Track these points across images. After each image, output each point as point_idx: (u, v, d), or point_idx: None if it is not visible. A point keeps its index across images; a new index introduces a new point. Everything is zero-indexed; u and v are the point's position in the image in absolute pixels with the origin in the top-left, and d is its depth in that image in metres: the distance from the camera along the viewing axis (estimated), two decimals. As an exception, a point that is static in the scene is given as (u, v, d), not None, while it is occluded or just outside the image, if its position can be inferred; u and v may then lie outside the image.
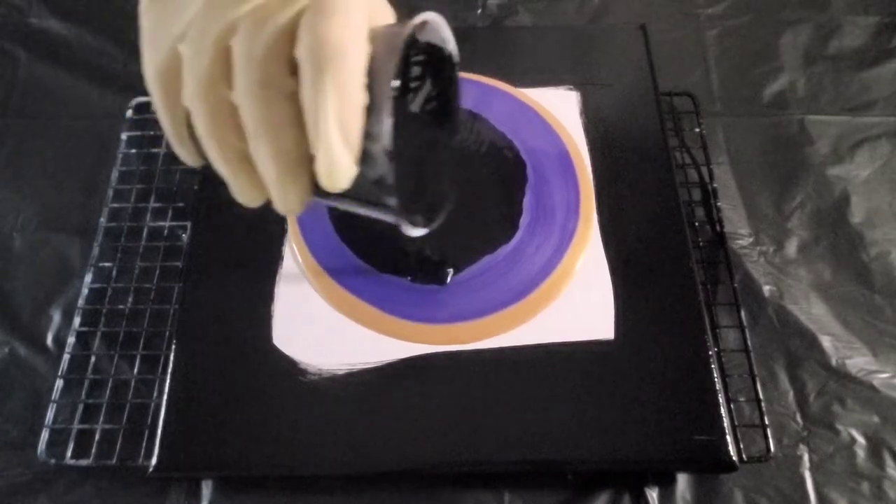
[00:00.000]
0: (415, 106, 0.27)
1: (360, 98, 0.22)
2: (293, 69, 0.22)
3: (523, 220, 0.44)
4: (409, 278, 0.43)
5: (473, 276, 0.43)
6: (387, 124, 0.23)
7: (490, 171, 0.46)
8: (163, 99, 0.25)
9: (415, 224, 0.28)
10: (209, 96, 0.23)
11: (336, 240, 0.44)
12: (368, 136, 0.23)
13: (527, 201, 0.45)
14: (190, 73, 0.23)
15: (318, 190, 0.24)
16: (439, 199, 0.30)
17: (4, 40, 0.57)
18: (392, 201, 0.25)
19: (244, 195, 0.25)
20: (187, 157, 0.26)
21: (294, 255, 0.44)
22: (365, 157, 0.23)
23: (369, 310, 0.41)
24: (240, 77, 0.22)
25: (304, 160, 0.23)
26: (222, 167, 0.24)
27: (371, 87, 0.23)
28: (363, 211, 0.27)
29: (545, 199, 0.45)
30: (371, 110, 0.23)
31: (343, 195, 0.24)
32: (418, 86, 0.27)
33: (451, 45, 0.27)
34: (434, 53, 0.27)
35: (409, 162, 0.27)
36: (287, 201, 0.24)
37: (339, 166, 0.22)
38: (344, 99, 0.22)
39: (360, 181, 0.23)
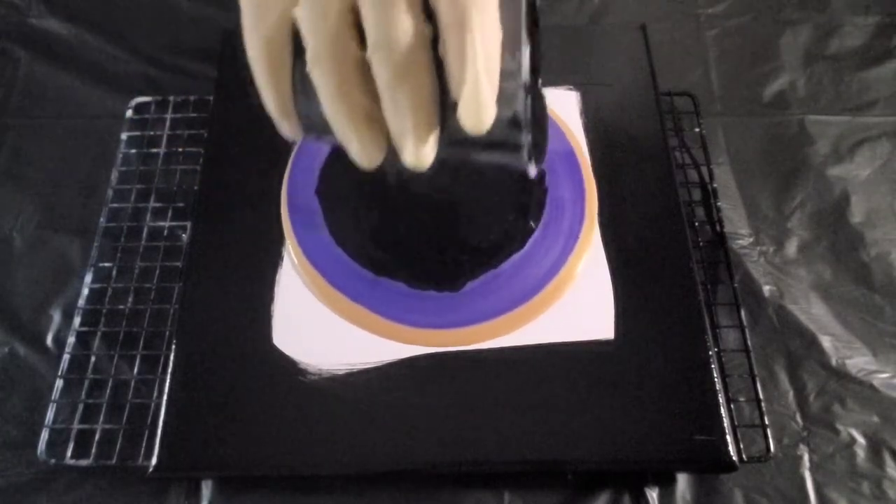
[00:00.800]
0: None
1: (499, 35, 0.22)
2: (426, 15, 0.22)
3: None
4: (405, 283, 0.42)
5: (479, 283, 0.42)
6: (525, 58, 0.23)
7: (506, 174, 0.46)
8: (270, 69, 0.24)
9: (535, 163, 0.28)
10: (336, 54, 0.23)
11: (332, 243, 0.44)
12: (503, 74, 0.23)
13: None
14: (314, 33, 0.23)
15: (446, 139, 0.24)
16: (543, 139, 0.30)
17: (4, 40, 0.57)
18: (525, 138, 0.25)
19: (367, 155, 0.25)
20: (291, 129, 0.26)
21: (291, 259, 0.43)
22: (499, 97, 0.23)
23: (369, 315, 0.41)
24: (375, 29, 0.22)
25: (437, 109, 0.24)
26: (348, 127, 0.24)
27: (503, 22, 0.23)
28: (486, 157, 0.27)
29: (555, 201, 0.45)
30: (507, 46, 0.23)
31: (471, 141, 0.24)
32: None
33: None
34: None
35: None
36: (423, 152, 0.24)
37: (486, 105, 0.22)
38: (488, 39, 0.22)
39: (493, 123, 0.24)
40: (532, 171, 0.28)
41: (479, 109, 0.22)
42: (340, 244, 0.43)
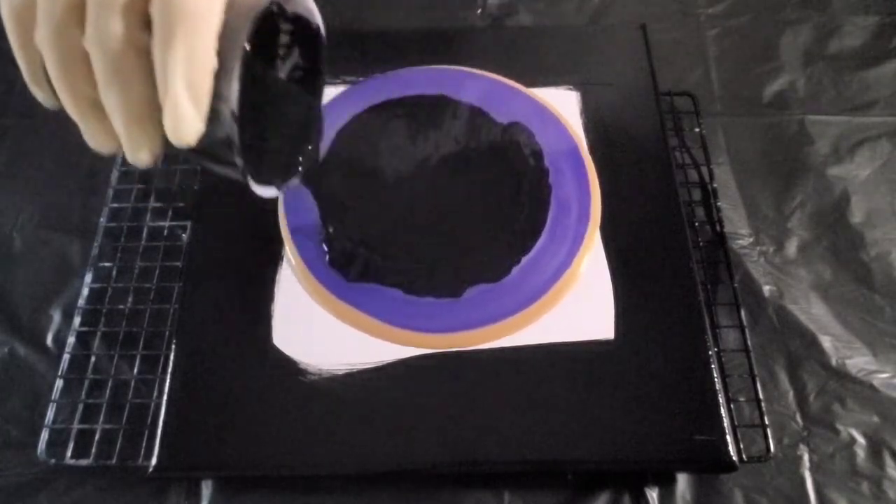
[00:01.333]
0: (282, 72, 0.29)
1: (209, 60, 0.23)
2: (146, 24, 0.23)
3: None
4: (401, 289, 0.42)
5: (483, 291, 0.42)
6: (234, 88, 0.24)
7: (513, 176, 0.46)
8: (19, 38, 0.25)
9: (265, 184, 0.29)
10: (61, 41, 0.23)
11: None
12: (218, 96, 0.24)
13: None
14: (44, 16, 0.23)
15: (169, 144, 0.25)
16: (295, 160, 0.31)
17: (4, 40, 0.56)
18: (238, 161, 0.26)
19: (94, 141, 0.26)
20: (43, 98, 0.27)
21: (290, 262, 0.43)
22: (214, 117, 0.24)
23: (370, 321, 0.41)
24: (92, 26, 0.22)
25: (154, 113, 0.24)
26: (73, 112, 0.25)
27: (223, 51, 0.24)
28: (214, 168, 0.28)
29: (561, 202, 0.45)
30: (222, 73, 0.24)
31: (193, 151, 0.25)
32: (286, 53, 0.29)
33: (315, 16, 0.28)
34: (302, 24, 0.28)
35: (264, 123, 0.28)
36: (135, 151, 0.25)
37: (185, 123, 0.23)
38: (194, 60, 0.23)
39: (209, 139, 0.24)
40: (263, 192, 0.29)
41: (177, 124, 0.23)
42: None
